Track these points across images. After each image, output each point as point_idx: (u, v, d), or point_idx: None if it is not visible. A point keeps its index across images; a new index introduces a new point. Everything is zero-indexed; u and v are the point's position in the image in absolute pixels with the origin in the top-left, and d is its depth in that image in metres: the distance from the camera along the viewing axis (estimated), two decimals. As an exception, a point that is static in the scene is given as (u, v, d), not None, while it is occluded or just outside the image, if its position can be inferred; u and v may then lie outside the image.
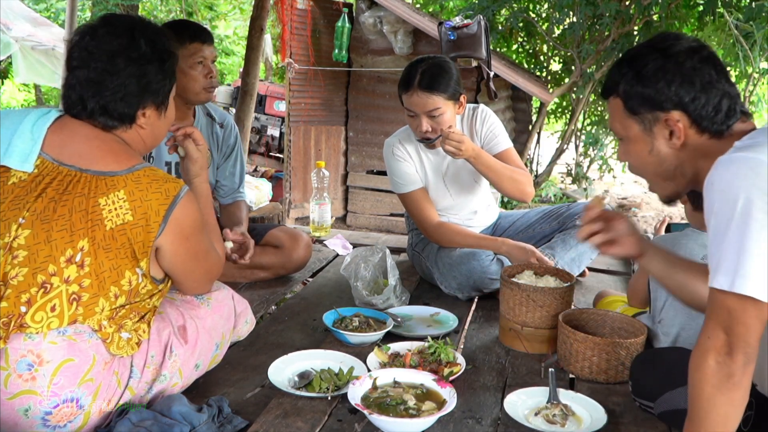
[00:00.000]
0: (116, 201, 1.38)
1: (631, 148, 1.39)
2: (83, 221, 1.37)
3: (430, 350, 1.82)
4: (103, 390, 1.40)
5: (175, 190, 1.44)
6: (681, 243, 1.91)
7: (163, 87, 1.53)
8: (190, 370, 1.61)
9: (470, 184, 2.64)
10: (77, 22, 5.14)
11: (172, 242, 1.46)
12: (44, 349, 1.33)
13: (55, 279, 1.35)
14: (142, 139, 1.55)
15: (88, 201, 1.37)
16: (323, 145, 6.11)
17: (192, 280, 1.62)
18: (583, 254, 2.54)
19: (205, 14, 13.23)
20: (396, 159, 2.56)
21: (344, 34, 5.84)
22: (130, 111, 1.48)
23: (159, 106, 1.54)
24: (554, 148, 6.98)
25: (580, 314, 1.99)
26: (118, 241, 1.39)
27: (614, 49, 5.91)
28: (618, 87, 1.37)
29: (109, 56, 1.44)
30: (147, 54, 1.48)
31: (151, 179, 1.43)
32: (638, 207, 7.04)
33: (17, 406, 1.33)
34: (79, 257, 1.36)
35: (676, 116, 1.30)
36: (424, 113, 2.37)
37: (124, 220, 1.39)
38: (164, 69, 1.51)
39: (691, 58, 1.30)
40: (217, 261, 1.68)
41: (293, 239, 2.66)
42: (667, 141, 1.32)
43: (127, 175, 1.41)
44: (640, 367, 1.66)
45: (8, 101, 15.02)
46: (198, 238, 1.53)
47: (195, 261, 1.56)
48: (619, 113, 1.38)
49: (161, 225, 1.41)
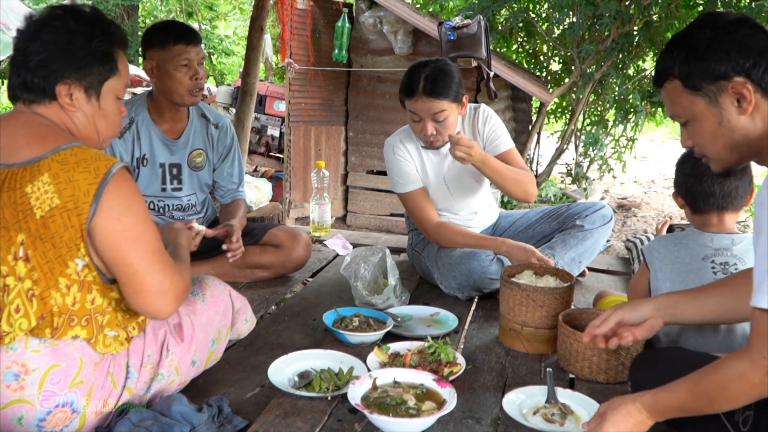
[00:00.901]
0: (42, 186, 1.30)
1: (698, 127, 1.37)
2: (14, 215, 1.31)
3: (430, 350, 1.82)
4: (96, 391, 1.39)
5: (106, 167, 1.33)
6: (682, 243, 1.91)
7: (89, 66, 1.41)
8: (186, 367, 1.60)
9: (471, 185, 2.64)
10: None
11: (105, 225, 1.33)
12: (27, 358, 1.32)
13: (10, 279, 1.31)
14: (75, 124, 1.44)
15: (15, 193, 1.31)
16: (323, 145, 6.11)
17: (134, 281, 1.38)
18: (582, 254, 2.54)
19: (205, 14, 13.23)
20: (397, 158, 2.56)
21: (344, 34, 5.84)
22: (48, 84, 1.39)
23: (88, 90, 1.43)
24: (554, 148, 6.98)
25: (580, 314, 1.99)
26: (51, 229, 1.31)
27: (614, 49, 5.91)
28: (673, 69, 1.37)
29: (36, 31, 1.39)
30: (72, 26, 1.40)
31: (79, 159, 1.33)
32: (638, 207, 7.03)
33: (10, 416, 1.32)
34: (21, 252, 1.31)
35: (741, 80, 1.29)
36: (429, 117, 2.38)
37: (51, 204, 1.30)
38: (91, 46, 1.41)
39: (742, 26, 1.31)
40: (176, 272, 1.45)
41: (293, 238, 2.67)
42: (737, 108, 1.32)
43: (52, 156, 1.32)
44: (640, 366, 1.66)
45: (8, 102, 15.01)
46: (135, 221, 1.36)
47: (133, 249, 1.36)
48: (678, 95, 1.38)
49: (92, 205, 1.31)
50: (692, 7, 5.95)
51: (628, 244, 2.88)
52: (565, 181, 7.53)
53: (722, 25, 1.32)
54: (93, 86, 1.44)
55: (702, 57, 1.32)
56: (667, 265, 1.90)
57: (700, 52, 1.32)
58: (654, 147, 12.13)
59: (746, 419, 1.32)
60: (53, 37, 1.38)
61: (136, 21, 12.35)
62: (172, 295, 1.42)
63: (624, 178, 8.39)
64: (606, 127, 7.00)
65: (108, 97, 1.48)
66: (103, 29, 1.44)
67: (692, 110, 1.37)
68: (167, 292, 1.41)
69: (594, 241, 2.56)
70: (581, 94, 6.28)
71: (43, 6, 11.58)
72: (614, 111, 6.95)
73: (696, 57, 1.33)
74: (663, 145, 12.83)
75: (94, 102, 1.46)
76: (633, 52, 6.33)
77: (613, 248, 5.25)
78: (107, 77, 1.46)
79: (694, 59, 1.33)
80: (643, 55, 6.73)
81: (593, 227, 2.55)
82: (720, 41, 1.31)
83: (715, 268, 1.85)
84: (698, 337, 1.83)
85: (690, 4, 5.92)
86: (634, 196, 7.61)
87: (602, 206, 2.62)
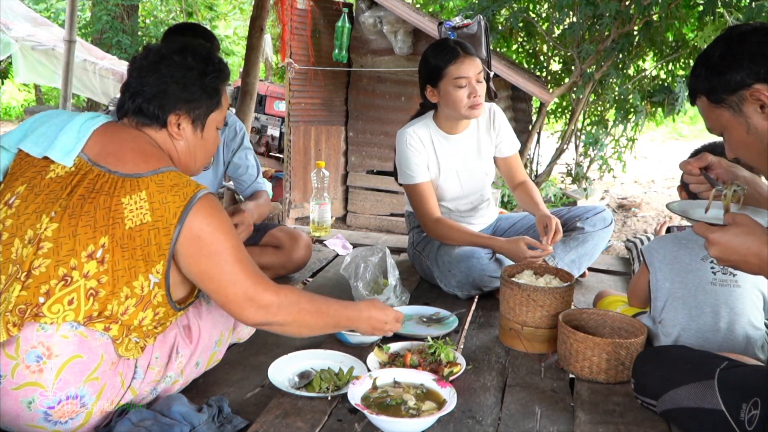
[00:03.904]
0: (138, 201, 1.41)
1: (731, 138, 1.41)
2: (105, 218, 1.40)
3: (430, 350, 1.82)
4: (107, 390, 1.41)
5: (193, 192, 1.43)
6: (682, 243, 1.92)
7: (200, 100, 1.56)
8: (191, 368, 1.62)
9: (481, 177, 2.68)
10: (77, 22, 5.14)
11: (189, 244, 1.42)
12: (55, 342, 1.34)
13: (75, 273, 1.37)
14: (177, 151, 1.57)
15: (111, 199, 1.41)
16: (323, 145, 6.11)
17: (220, 295, 1.46)
18: (582, 256, 2.55)
19: (205, 14, 13.24)
20: (408, 148, 2.56)
21: (344, 34, 5.84)
22: (162, 113, 1.52)
23: (195, 121, 1.57)
24: (554, 148, 6.98)
25: (580, 314, 1.99)
26: (136, 241, 1.40)
27: (614, 49, 5.91)
28: (698, 87, 1.42)
29: (155, 63, 1.52)
30: (189, 63, 1.53)
31: (174, 183, 1.44)
32: (638, 207, 7.04)
33: (21, 398, 1.34)
34: (99, 253, 1.38)
35: (759, 87, 1.32)
36: (474, 77, 2.44)
37: (142, 220, 1.40)
38: (204, 83, 1.55)
39: (754, 35, 1.34)
40: (260, 281, 1.50)
41: (293, 239, 2.66)
42: (761, 114, 1.34)
43: (151, 176, 1.43)
44: (643, 364, 1.66)
45: (8, 101, 15.01)
46: (215, 240, 1.43)
47: (216, 265, 1.44)
48: (707, 110, 1.42)
49: (176, 227, 1.41)
50: (692, 7, 5.95)
51: (628, 245, 2.88)
52: (565, 181, 7.53)
53: (734, 36, 1.36)
54: (200, 118, 1.58)
55: (718, 70, 1.36)
56: (667, 265, 1.90)
57: (716, 66, 1.37)
58: (654, 147, 12.13)
59: (752, 418, 1.32)
60: (171, 71, 1.52)
61: (136, 21, 12.35)
62: (256, 303, 1.48)
63: (624, 178, 8.39)
64: (606, 127, 7.00)
65: (210, 128, 1.62)
66: (215, 67, 1.58)
67: (721, 122, 1.41)
68: (252, 300, 1.47)
69: (594, 244, 2.56)
70: (581, 94, 6.28)
71: (43, 6, 11.58)
72: (614, 111, 6.95)
73: (714, 72, 1.37)
74: (663, 145, 12.84)
75: (199, 133, 1.60)
76: (633, 52, 6.33)
77: (613, 248, 5.25)
78: (213, 110, 1.61)
79: (712, 74, 1.38)
80: (643, 55, 6.74)
81: (594, 230, 2.56)
82: (732, 53, 1.35)
83: (715, 268, 1.86)
84: (698, 337, 1.83)
85: (690, 4, 5.92)
86: (634, 196, 7.62)
87: (602, 209, 2.64)
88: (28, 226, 1.40)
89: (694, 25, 6.26)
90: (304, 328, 1.60)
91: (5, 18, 7.63)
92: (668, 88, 6.58)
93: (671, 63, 6.65)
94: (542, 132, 6.93)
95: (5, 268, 1.39)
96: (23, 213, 1.42)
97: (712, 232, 1.34)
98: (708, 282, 1.85)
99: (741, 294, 1.83)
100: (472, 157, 2.62)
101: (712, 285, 1.84)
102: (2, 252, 1.40)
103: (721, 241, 1.32)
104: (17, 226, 1.41)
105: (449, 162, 2.61)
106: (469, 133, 2.63)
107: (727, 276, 1.84)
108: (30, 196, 1.44)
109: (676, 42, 6.52)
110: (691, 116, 10.92)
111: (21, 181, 1.47)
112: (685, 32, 6.46)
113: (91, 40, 11.02)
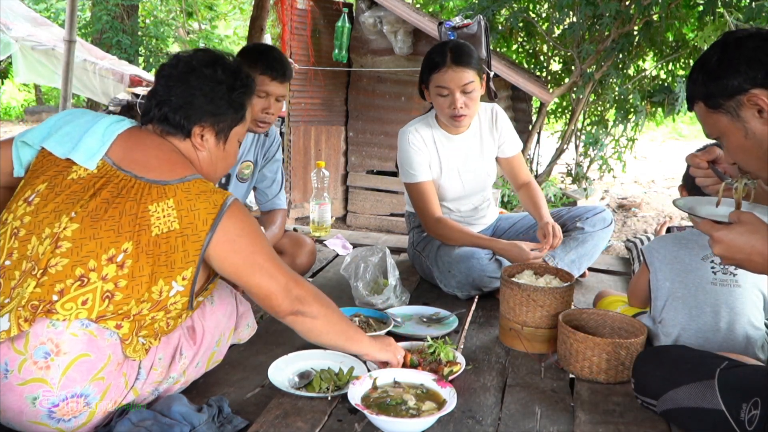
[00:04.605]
0: (165, 209, 1.42)
1: (728, 143, 1.41)
2: (131, 224, 1.40)
3: (430, 350, 1.82)
4: (111, 391, 1.42)
5: (222, 199, 1.46)
6: (682, 243, 1.92)
7: (225, 114, 1.57)
8: (192, 368, 1.62)
9: (483, 178, 2.68)
10: (77, 22, 5.13)
11: (222, 248, 1.45)
12: (64, 339, 1.34)
13: (93, 274, 1.37)
14: (199, 161, 1.58)
15: (138, 206, 1.41)
16: (323, 145, 6.11)
17: (260, 291, 1.51)
18: (582, 257, 2.55)
19: (205, 14, 13.25)
20: (410, 147, 2.56)
21: (344, 34, 5.84)
22: (187, 123, 1.53)
23: (218, 134, 1.58)
24: (554, 148, 6.98)
25: (580, 314, 1.99)
26: (161, 248, 1.41)
27: (614, 49, 5.91)
28: (695, 93, 1.41)
29: (185, 73, 1.53)
30: (219, 77, 1.54)
31: (201, 190, 1.45)
32: (638, 207, 7.04)
33: (26, 393, 1.34)
34: (120, 258, 1.39)
35: (756, 92, 1.32)
36: (458, 88, 2.39)
37: (170, 228, 1.41)
38: (231, 97, 1.56)
39: (751, 40, 1.34)
40: (291, 275, 1.56)
41: (297, 245, 2.62)
42: (759, 119, 1.34)
43: (178, 184, 1.44)
44: (644, 364, 1.66)
45: (8, 101, 15.02)
46: (249, 241, 1.48)
47: (251, 266, 1.49)
48: (705, 116, 1.42)
49: (208, 233, 1.42)
50: (692, 7, 5.95)
51: (628, 244, 2.88)
52: (565, 181, 7.53)
53: (731, 42, 1.36)
54: (223, 131, 1.59)
55: (715, 76, 1.36)
56: (667, 265, 1.91)
57: (713, 72, 1.36)
58: (654, 147, 12.14)
59: (752, 418, 1.31)
60: (200, 83, 1.53)
61: (136, 21, 12.34)
62: (293, 293, 1.53)
63: (624, 178, 8.39)
64: (606, 127, 7.00)
65: (232, 141, 1.64)
66: (243, 82, 1.60)
67: (719, 128, 1.40)
68: (289, 291, 1.53)
69: (594, 245, 2.56)
70: (581, 94, 6.29)
71: (43, 6, 11.58)
72: (614, 111, 6.95)
73: (711, 77, 1.37)
74: (663, 145, 12.84)
75: (221, 145, 1.61)
76: (633, 52, 6.33)
77: (613, 248, 5.25)
78: (237, 124, 1.62)
79: (709, 79, 1.37)
80: (643, 55, 6.74)
81: (593, 230, 2.55)
82: (729, 58, 1.34)
83: (715, 268, 1.86)
84: (698, 337, 1.83)
85: (690, 4, 5.92)
86: (634, 196, 7.62)
87: (602, 210, 2.64)
88: (47, 225, 1.41)
89: (694, 25, 6.26)
90: (331, 325, 1.63)
91: (5, 18, 7.63)
92: (668, 88, 6.58)
93: (671, 63, 6.66)
94: (542, 132, 6.93)
95: (20, 263, 1.40)
96: (42, 211, 1.43)
97: (716, 229, 1.34)
98: (708, 282, 1.85)
99: (741, 294, 1.83)
100: (474, 157, 2.62)
101: (713, 285, 1.84)
102: (18, 248, 1.41)
103: (725, 239, 1.32)
104: (35, 223, 1.42)
105: (451, 162, 2.60)
106: (471, 133, 2.63)
107: (728, 276, 1.84)
108: (50, 195, 1.44)
109: (676, 42, 6.52)
110: (691, 116, 10.91)
111: (42, 179, 1.48)
112: (685, 32, 6.46)
113: (91, 40, 11.03)
